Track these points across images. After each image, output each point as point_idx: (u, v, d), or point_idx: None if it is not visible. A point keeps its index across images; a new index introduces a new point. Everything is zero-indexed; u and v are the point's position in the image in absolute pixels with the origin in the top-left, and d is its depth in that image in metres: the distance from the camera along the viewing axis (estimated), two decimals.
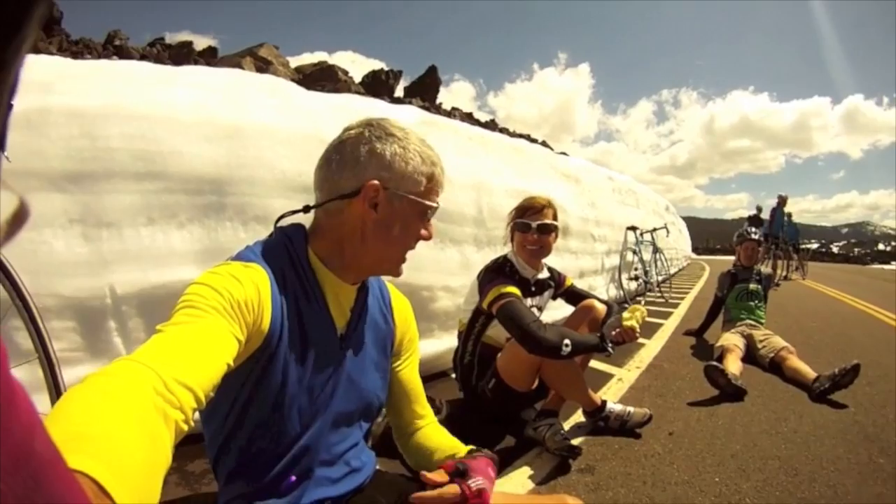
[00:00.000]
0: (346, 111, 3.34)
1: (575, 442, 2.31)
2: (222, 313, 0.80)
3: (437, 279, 3.34)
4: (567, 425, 2.59)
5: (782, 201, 12.86)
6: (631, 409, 2.58)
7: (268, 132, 2.79)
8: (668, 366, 3.94)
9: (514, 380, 2.36)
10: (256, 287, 0.89)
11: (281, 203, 2.57)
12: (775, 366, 3.84)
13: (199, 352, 0.72)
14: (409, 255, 1.10)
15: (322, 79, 43.87)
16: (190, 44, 40.02)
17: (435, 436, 1.25)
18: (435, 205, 1.07)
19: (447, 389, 2.76)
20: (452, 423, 1.49)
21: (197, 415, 0.68)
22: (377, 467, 1.19)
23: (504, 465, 2.17)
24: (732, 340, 4.07)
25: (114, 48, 28.42)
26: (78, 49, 25.65)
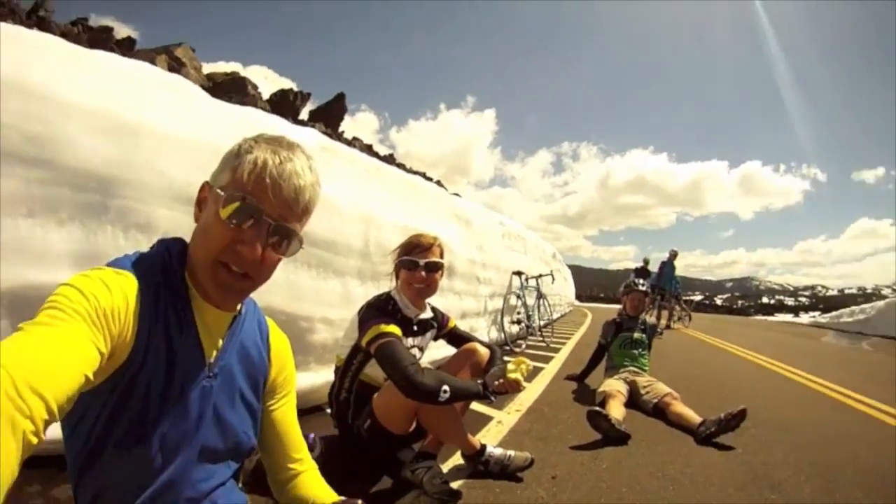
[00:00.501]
0: (246, 124, 3.18)
1: (454, 485, 2.23)
2: (86, 320, 0.76)
3: (317, 310, 3.19)
4: (446, 468, 2.49)
5: (673, 255, 13.92)
6: (512, 452, 2.52)
7: (164, 135, 2.60)
8: (548, 410, 3.90)
9: (391, 422, 2.26)
10: (125, 297, 0.84)
11: (165, 213, 2.37)
12: (659, 411, 3.89)
13: (57, 358, 0.67)
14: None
15: (232, 90, 44.04)
16: (110, 30, 38.69)
17: (311, 486, 1.20)
18: (244, 202, 0.93)
19: (322, 424, 2.63)
20: (327, 460, 1.43)
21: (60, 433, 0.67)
22: None
23: None
24: (615, 386, 4.11)
25: (37, 18, 26.69)
26: (3, 12, 23.87)
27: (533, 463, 2.54)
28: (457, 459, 2.58)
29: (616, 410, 3.55)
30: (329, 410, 2.55)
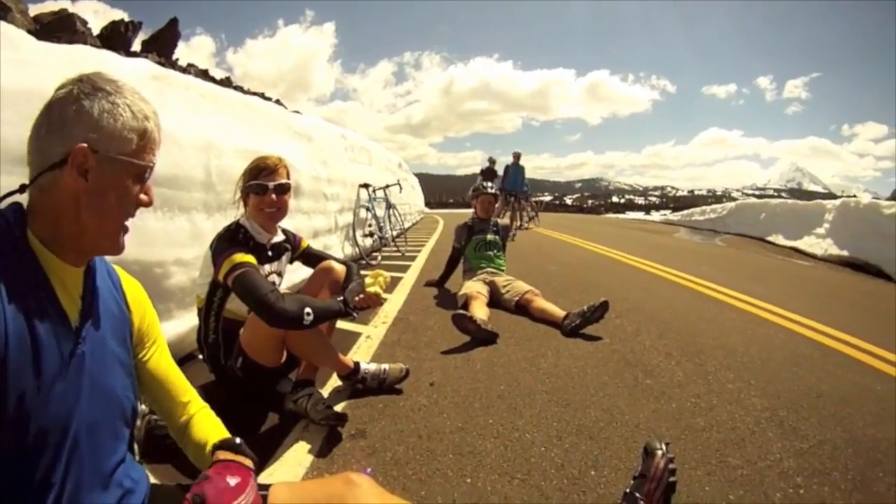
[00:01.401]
0: (76, 65, 2.72)
1: (338, 408, 2.27)
2: None
3: (169, 253, 2.97)
4: (326, 392, 2.51)
5: (517, 157, 13.81)
6: (386, 366, 2.57)
7: None
8: (414, 318, 3.97)
9: (261, 355, 2.23)
10: None
11: (3, 180, 2.01)
12: (522, 308, 4.05)
13: None
14: (136, 228, 0.97)
15: (60, 29, 40.51)
16: None
17: (204, 425, 1.18)
18: (151, 164, 0.97)
19: (198, 372, 2.51)
20: (211, 409, 1.32)
21: None
22: (151, 481, 1.09)
23: (274, 444, 2.07)
24: (476, 288, 4.20)
25: None
26: None
27: (409, 373, 2.59)
28: (335, 382, 2.58)
29: (480, 311, 3.64)
30: (201, 356, 2.45)
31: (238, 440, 1.10)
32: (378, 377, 2.50)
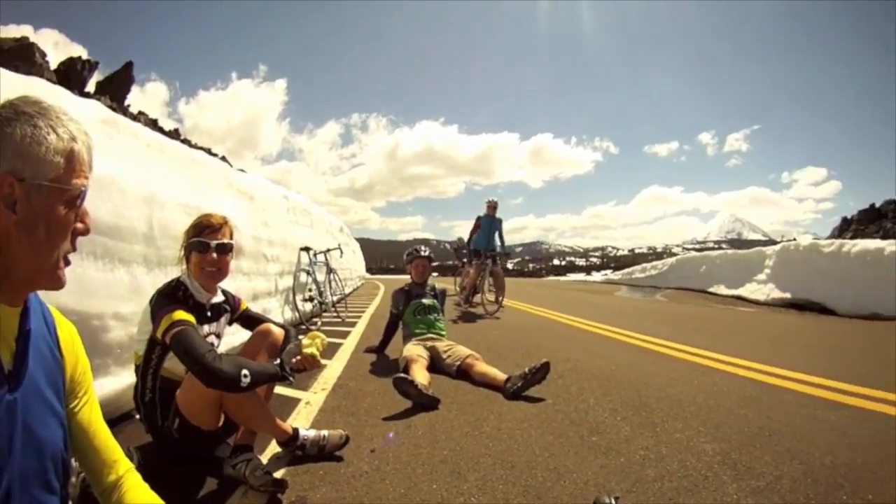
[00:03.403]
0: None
1: (278, 474, 2.19)
2: None
3: (108, 305, 2.85)
4: (265, 458, 2.40)
5: (492, 208, 10.62)
6: (326, 432, 2.50)
7: None
8: (354, 384, 3.89)
9: (198, 417, 2.15)
10: None
11: None
12: (463, 373, 4.02)
13: None
14: (76, 277, 0.91)
15: (19, 57, 41.01)
16: None
17: (136, 493, 1.11)
18: (82, 188, 0.92)
19: (135, 432, 2.41)
20: (147, 471, 1.27)
21: None
22: None
23: None
24: (416, 351, 4.18)
25: None
26: None
27: (349, 440, 2.53)
28: (274, 448, 2.50)
29: (420, 375, 3.60)
30: (138, 416, 2.35)
31: None
32: (318, 444, 2.43)
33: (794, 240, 13.58)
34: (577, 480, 2.22)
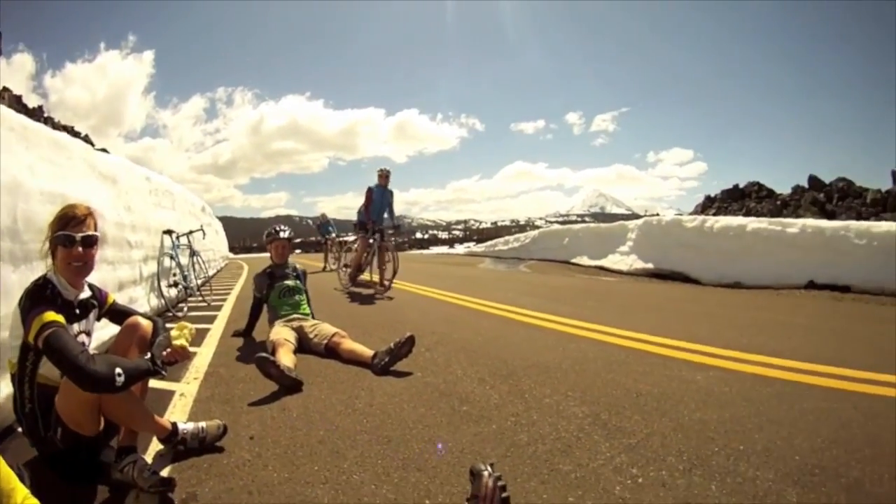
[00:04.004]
0: None
1: (164, 473, 2.21)
2: None
3: None
4: (149, 457, 2.41)
5: (384, 177, 9.49)
6: (203, 424, 2.54)
7: None
8: (224, 371, 3.91)
9: (79, 424, 2.09)
10: None
11: None
12: (331, 351, 4.14)
13: None
14: None
15: None
16: None
17: None
18: None
19: (21, 448, 2.29)
20: (39, 489, 1.30)
21: None
22: None
23: None
24: (283, 334, 4.25)
25: None
26: None
27: (227, 429, 2.58)
28: (157, 445, 2.51)
29: (286, 358, 3.68)
30: (20, 429, 2.25)
31: None
32: (197, 436, 2.47)
33: (658, 214, 14.21)
34: (452, 450, 2.32)
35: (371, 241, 9.14)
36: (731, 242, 10.37)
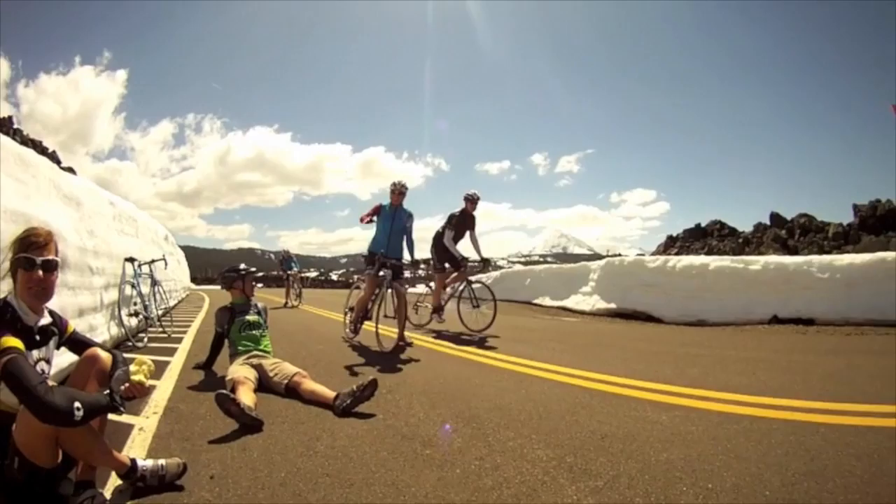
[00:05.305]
0: None
1: None
2: None
3: None
4: (108, 492, 2.32)
5: (396, 192, 7.24)
6: (163, 461, 2.46)
7: None
8: (184, 406, 3.80)
9: (36, 455, 2.01)
10: None
11: None
12: (292, 391, 4.06)
13: None
14: None
15: None
16: None
17: None
18: None
19: None
20: None
21: None
22: None
23: None
24: (242, 372, 4.16)
25: None
26: None
27: (186, 468, 2.50)
28: (116, 480, 2.41)
29: (246, 397, 3.58)
30: None
31: None
32: (157, 474, 2.38)
33: (620, 255, 14.44)
34: (416, 494, 2.27)
35: (380, 275, 7.03)
36: (693, 281, 10.47)
